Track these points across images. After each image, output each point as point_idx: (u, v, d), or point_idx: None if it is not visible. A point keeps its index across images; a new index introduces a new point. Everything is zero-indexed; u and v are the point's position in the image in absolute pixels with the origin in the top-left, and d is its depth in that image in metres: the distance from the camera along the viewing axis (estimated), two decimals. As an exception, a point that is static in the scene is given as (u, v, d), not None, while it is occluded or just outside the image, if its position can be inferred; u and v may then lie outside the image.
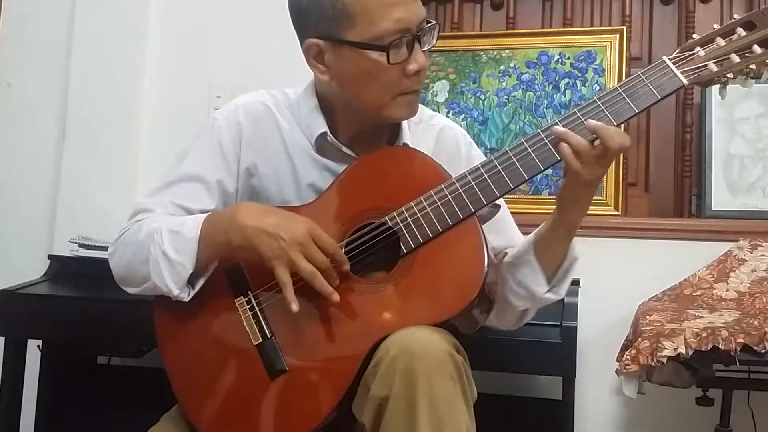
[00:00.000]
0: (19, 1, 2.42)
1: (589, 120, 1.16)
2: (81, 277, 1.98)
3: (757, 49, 1.18)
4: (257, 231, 1.18)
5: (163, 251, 1.21)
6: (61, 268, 2.04)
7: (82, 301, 1.89)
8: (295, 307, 1.16)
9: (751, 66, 1.18)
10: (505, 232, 1.35)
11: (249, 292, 1.25)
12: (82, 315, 1.84)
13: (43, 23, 2.38)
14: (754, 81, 1.21)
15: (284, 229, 1.17)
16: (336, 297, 1.17)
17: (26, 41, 2.39)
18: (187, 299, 1.23)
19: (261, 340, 1.21)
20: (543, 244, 1.25)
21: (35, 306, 1.88)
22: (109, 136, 2.28)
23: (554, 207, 1.23)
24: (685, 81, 1.18)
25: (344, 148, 1.32)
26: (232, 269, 1.26)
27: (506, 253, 1.33)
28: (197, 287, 1.24)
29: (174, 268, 1.21)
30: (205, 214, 1.26)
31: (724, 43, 1.20)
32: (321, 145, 1.33)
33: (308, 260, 1.16)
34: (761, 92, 2.13)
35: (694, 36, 1.23)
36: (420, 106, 1.36)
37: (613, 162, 2.12)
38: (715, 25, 1.23)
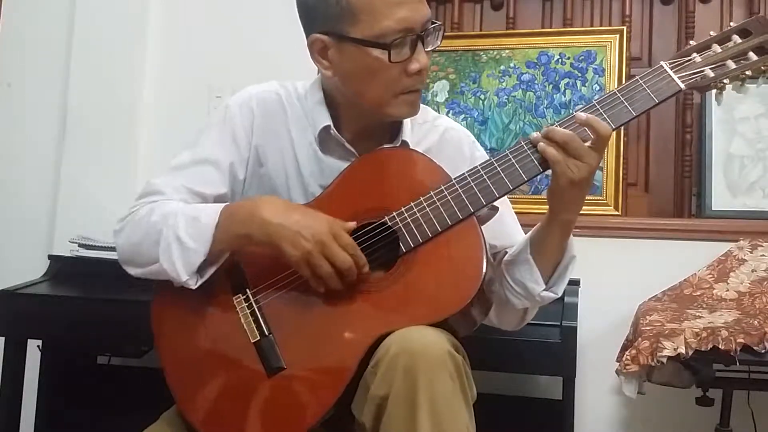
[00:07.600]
0: (19, 1, 2.42)
1: (578, 113, 1.17)
2: (81, 277, 1.98)
3: (752, 55, 1.21)
4: (281, 228, 1.18)
5: (177, 235, 1.21)
6: (61, 268, 2.04)
7: (82, 301, 1.89)
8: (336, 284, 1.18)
9: (746, 72, 1.22)
10: (504, 231, 1.35)
11: (247, 290, 1.24)
12: (82, 315, 1.84)
13: (43, 23, 2.38)
14: (749, 86, 1.23)
15: (306, 227, 1.17)
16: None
17: (26, 41, 2.39)
18: (194, 287, 1.22)
19: (259, 338, 1.20)
20: (539, 243, 1.26)
21: (35, 306, 1.88)
22: (109, 136, 2.29)
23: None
24: (682, 86, 1.21)
25: (346, 144, 1.32)
26: (230, 267, 1.26)
27: (506, 252, 1.33)
28: (206, 276, 1.23)
29: (186, 253, 1.20)
30: (224, 204, 1.26)
31: (720, 50, 1.23)
32: (324, 140, 1.33)
33: (328, 259, 1.16)
34: (761, 92, 2.13)
35: (691, 42, 1.25)
36: (425, 106, 1.37)
37: (613, 162, 2.17)
38: (711, 32, 1.25)
